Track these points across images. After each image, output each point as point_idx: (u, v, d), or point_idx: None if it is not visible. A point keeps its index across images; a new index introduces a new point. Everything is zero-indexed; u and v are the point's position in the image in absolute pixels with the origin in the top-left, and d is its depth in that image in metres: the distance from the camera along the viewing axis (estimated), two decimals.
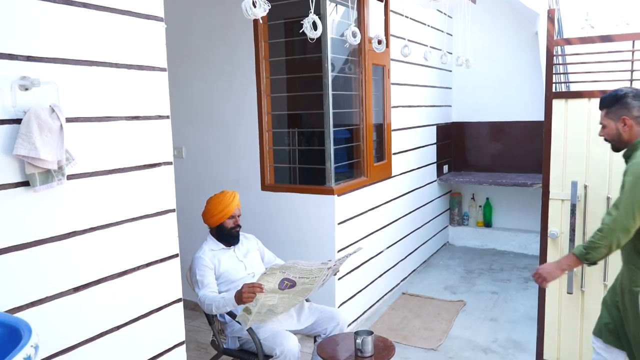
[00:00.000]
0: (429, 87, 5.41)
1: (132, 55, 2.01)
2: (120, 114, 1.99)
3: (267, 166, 3.87)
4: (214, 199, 3.01)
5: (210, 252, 2.95)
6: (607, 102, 2.27)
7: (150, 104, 2.13)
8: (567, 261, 2.28)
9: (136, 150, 2.07)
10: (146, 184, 2.12)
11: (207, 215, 3.00)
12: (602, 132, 2.32)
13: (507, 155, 5.94)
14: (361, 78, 3.98)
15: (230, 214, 2.96)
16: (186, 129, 4.22)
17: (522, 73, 5.72)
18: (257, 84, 3.80)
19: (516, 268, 5.29)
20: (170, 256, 2.26)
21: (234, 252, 3.02)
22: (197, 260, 2.91)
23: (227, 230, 2.98)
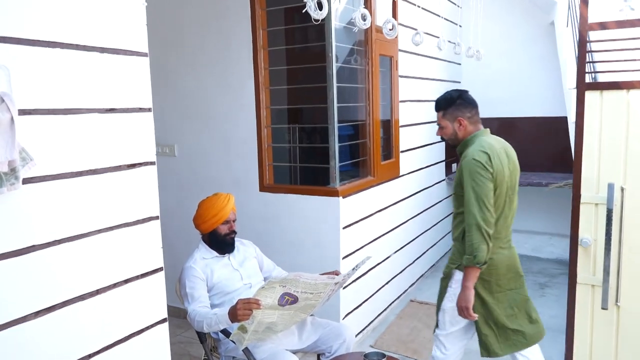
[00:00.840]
0: (437, 81, 5.11)
1: (105, 37, 1.71)
2: (91, 106, 1.68)
3: (266, 165, 3.56)
4: (206, 202, 2.71)
5: (202, 261, 2.65)
6: (444, 104, 2.50)
7: (129, 94, 1.82)
8: (467, 278, 2.31)
9: (111, 148, 1.76)
10: (123, 187, 1.81)
11: (198, 221, 2.70)
12: (440, 133, 2.56)
13: (518, 153, 5.55)
14: (368, 70, 3.67)
15: (224, 219, 2.66)
16: (179, 125, 3.91)
17: (535, 66, 5.42)
18: (254, 76, 3.49)
19: (530, 272, 5.00)
20: (153, 270, 1.96)
21: (229, 261, 2.72)
22: (187, 270, 2.61)
23: (221, 237, 2.68)
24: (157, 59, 4.04)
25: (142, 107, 1.88)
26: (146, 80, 1.90)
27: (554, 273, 4.93)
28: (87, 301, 1.70)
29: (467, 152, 2.39)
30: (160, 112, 4.00)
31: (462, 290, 2.33)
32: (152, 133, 1.94)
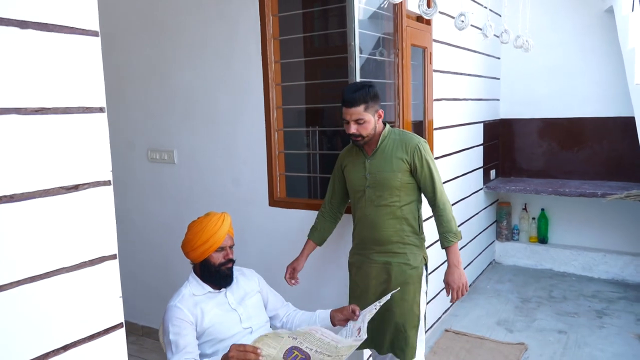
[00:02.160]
0: (475, 77, 4.51)
1: (27, 6, 1.19)
2: (7, 104, 1.17)
3: (277, 175, 3.03)
4: (195, 224, 2.18)
5: (190, 299, 2.11)
6: (366, 96, 2.25)
7: (68, 87, 1.30)
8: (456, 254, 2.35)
9: (40, 163, 1.25)
10: (60, 218, 1.29)
11: (187, 247, 2.18)
12: (359, 130, 2.28)
13: (567, 159, 4.98)
14: (397, 62, 3.10)
15: (218, 245, 2.14)
16: (178, 127, 3.41)
17: (587, 59, 4.76)
18: (263, 71, 2.96)
19: (583, 296, 4.35)
20: (109, 328, 1.43)
21: (225, 298, 2.18)
22: (171, 311, 2.08)
23: (214, 268, 2.15)
24: (151, 51, 3.53)
25: (89, 105, 1.36)
26: (96, 68, 1.37)
27: (611, 297, 4.28)
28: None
29: (404, 137, 2.37)
30: (158, 113, 3.50)
31: (455, 268, 2.33)
32: (106, 142, 1.42)
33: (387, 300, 1.98)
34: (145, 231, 3.72)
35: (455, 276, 2.34)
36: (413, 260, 2.39)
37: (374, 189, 2.36)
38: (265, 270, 3.03)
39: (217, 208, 3.30)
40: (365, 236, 2.43)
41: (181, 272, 3.60)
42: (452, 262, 2.35)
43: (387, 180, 2.33)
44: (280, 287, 2.51)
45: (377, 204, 2.36)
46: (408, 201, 2.37)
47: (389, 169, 2.32)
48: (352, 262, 2.54)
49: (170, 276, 3.64)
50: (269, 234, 3.09)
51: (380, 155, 2.35)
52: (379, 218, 2.37)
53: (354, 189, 2.44)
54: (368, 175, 2.37)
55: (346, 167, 2.48)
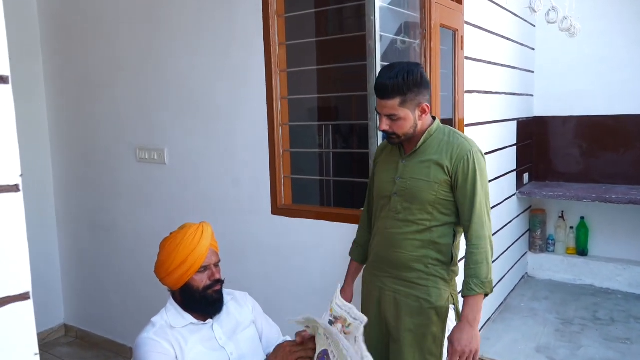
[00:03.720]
0: (508, 68, 4.00)
1: None
2: None
3: (281, 178, 2.57)
4: (168, 242, 1.72)
5: (168, 332, 1.65)
6: (403, 85, 1.74)
7: None
8: (477, 309, 1.78)
9: None
10: None
11: (161, 272, 1.72)
12: (392, 127, 1.81)
13: (610, 161, 4.45)
14: (425, 45, 2.63)
15: (199, 265, 1.68)
16: (169, 123, 2.98)
17: (635, 50, 4.23)
18: (265, 54, 2.51)
19: (633, 318, 3.81)
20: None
21: (212, 331, 1.72)
22: (146, 345, 1.62)
23: (199, 293, 1.69)
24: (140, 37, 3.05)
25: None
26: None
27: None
28: None
29: (452, 141, 1.86)
30: (147, 108, 3.07)
31: (468, 326, 1.76)
32: (12, 126, 0.97)
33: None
34: (133, 239, 3.29)
35: (464, 335, 1.76)
36: (436, 297, 1.88)
37: (402, 198, 1.88)
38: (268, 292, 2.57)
39: (213, 215, 2.85)
40: (380, 254, 1.97)
41: None
42: (467, 316, 1.79)
43: (419, 191, 1.84)
44: (284, 312, 2.05)
45: (401, 217, 1.88)
46: (442, 222, 1.86)
47: (424, 177, 1.84)
48: (365, 280, 2.07)
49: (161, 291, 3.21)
50: (272, 247, 2.64)
51: (418, 158, 1.88)
52: (400, 235, 1.89)
53: (378, 193, 1.98)
54: (398, 179, 1.88)
55: (377, 164, 2.04)
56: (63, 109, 3.56)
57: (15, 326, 0.95)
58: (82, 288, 3.73)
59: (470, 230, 1.81)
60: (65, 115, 3.55)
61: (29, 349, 0.98)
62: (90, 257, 3.60)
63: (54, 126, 3.62)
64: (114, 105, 3.23)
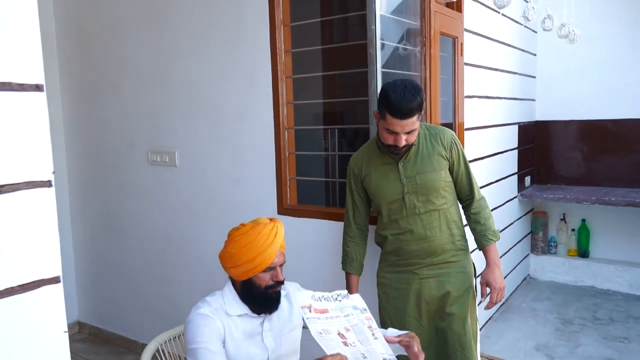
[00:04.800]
0: (509, 73, 4.10)
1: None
2: None
3: (287, 180, 2.69)
4: (240, 237, 1.72)
5: (223, 315, 1.70)
6: (421, 103, 1.91)
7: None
8: (496, 253, 2.16)
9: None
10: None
11: (227, 263, 1.75)
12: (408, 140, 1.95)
13: (611, 165, 4.52)
14: (424, 52, 2.74)
15: (267, 265, 1.70)
16: (180, 126, 3.10)
17: (635, 54, 4.31)
18: (272, 61, 2.63)
19: (632, 318, 3.88)
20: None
21: (261, 327, 1.76)
22: (198, 319, 1.67)
23: (258, 291, 1.72)
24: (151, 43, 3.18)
25: (20, 82, 1.04)
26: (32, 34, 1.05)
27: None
28: None
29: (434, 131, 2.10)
30: (158, 112, 3.20)
31: (496, 267, 2.11)
32: (46, 129, 1.09)
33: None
34: (145, 240, 3.41)
35: (497, 276, 2.10)
36: (468, 266, 2.16)
37: (417, 194, 2.04)
38: None
39: (221, 215, 2.98)
40: (411, 250, 2.09)
41: (183, 287, 3.29)
42: (494, 260, 2.13)
43: (432, 182, 2.03)
44: None
45: (423, 210, 2.05)
46: (452, 201, 2.13)
47: (431, 169, 2.03)
48: (389, 282, 2.17)
49: (172, 290, 3.33)
50: None
51: (416, 155, 2.05)
52: (429, 226, 2.07)
53: (386, 199, 2.09)
54: (405, 180, 2.02)
55: (367, 175, 2.13)
56: (78, 113, 3.69)
57: (48, 306, 1.08)
58: (95, 286, 3.85)
59: (474, 197, 2.14)
60: (79, 119, 3.69)
61: (60, 327, 1.11)
62: (103, 257, 3.73)
63: (69, 129, 3.76)
64: (127, 109, 3.36)
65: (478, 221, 2.13)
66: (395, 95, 1.86)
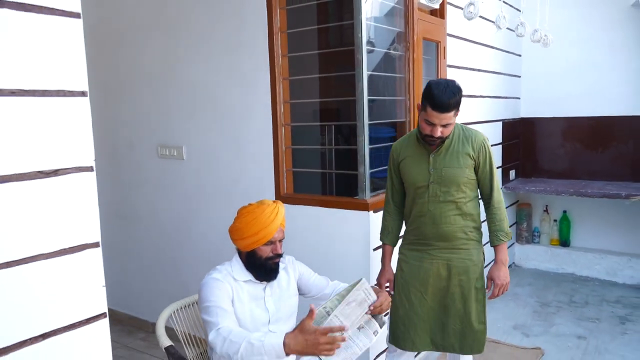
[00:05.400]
0: (493, 74, 4.38)
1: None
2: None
3: (283, 171, 2.98)
4: (247, 214, 2.03)
5: (231, 280, 2.00)
6: (459, 101, 2.15)
7: (48, 70, 1.27)
8: (506, 253, 2.35)
9: (17, 146, 1.22)
10: (38, 203, 1.26)
11: (235, 235, 2.05)
12: (443, 132, 2.18)
13: (590, 159, 4.82)
14: (408, 56, 3.03)
15: (268, 239, 2.01)
16: (187, 123, 3.39)
17: (613, 56, 4.60)
18: (270, 65, 2.92)
19: (605, 301, 4.18)
20: (91, 318, 1.40)
21: (263, 292, 2.06)
22: (211, 282, 1.97)
23: (260, 261, 2.03)
24: (159, 47, 3.50)
25: (70, 89, 1.33)
26: (78, 51, 1.35)
27: (635, 303, 4.10)
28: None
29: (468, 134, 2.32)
30: (167, 109, 3.49)
31: (502, 265, 2.33)
32: (89, 126, 1.39)
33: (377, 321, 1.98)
34: (154, 228, 3.71)
35: (502, 273, 2.33)
36: (476, 255, 2.34)
37: (439, 185, 2.28)
38: None
39: (225, 203, 3.28)
40: (427, 232, 2.34)
41: (190, 270, 3.59)
42: (501, 259, 2.35)
43: (454, 177, 2.26)
44: None
45: (442, 199, 2.28)
46: (472, 197, 2.33)
47: (456, 165, 2.26)
48: (405, 258, 2.44)
49: (180, 274, 3.63)
50: None
51: (446, 151, 2.28)
52: (444, 213, 2.30)
53: (414, 184, 2.34)
54: (432, 170, 2.29)
55: (404, 160, 2.38)
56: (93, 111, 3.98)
57: (91, 264, 1.38)
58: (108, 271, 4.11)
59: (492, 198, 2.34)
60: (94, 116, 3.96)
61: (99, 281, 1.41)
62: (115, 243, 4.02)
63: None
64: (139, 107, 3.65)
65: (493, 221, 2.34)
66: (437, 91, 2.11)
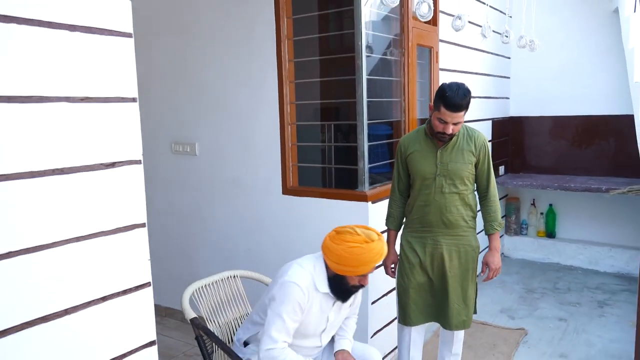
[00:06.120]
0: (483, 76, 4.68)
1: (77, 12, 1.45)
2: (59, 93, 1.43)
3: (289, 166, 3.27)
4: (355, 247, 2.04)
5: (311, 289, 2.10)
6: (469, 102, 2.40)
7: (108, 81, 1.56)
8: (498, 241, 2.67)
9: (84, 143, 1.50)
10: (99, 189, 1.55)
11: (333, 258, 2.08)
12: (454, 130, 2.43)
13: (574, 156, 5.12)
14: (403, 61, 3.31)
15: (364, 273, 2.10)
16: (199, 121, 3.67)
17: (596, 59, 4.90)
18: (278, 69, 3.20)
19: (586, 288, 4.49)
20: (137, 286, 1.69)
21: (331, 308, 2.19)
22: (296, 291, 2.06)
23: (346, 287, 2.13)
24: (174, 52, 3.82)
25: (124, 96, 1.61)
26: (130, 65, 1.63)
27: (614, 289, 4.41)
28: (51, 323, 1.45)
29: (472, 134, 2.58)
30: (180, 109, 3.77)
31: (496, 252, 2.64)
32: (138, 127, 1.67)
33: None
34: (168, 219, 3.99)
35: (495, 259, 2.62)
36: (474, 241, 2.63)
37: (445, 177, 2.53)
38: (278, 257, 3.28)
39: (236, 196, 3.57)
40: (432, 220, 2.57)
41: (201, 257, 3.87)
42: (495, 246, 2.64)
43: (460, 171, 2.52)
44: None
45: (447, 191, 2.53)
46: (471, 190, 2.61)
47: (461, 161, 2.53)
48: (409, 240, 2.66)
49: (191, 261, 3.92)
50: (283, 220, 3.33)
51: (453, 147, 2.53)
52: (449, 203, 2.55)
53: (422, 175, 2.57)
54: (439, 164, 2.53)
55: (412, 154, 2.60)
56: None
57: (138, 241, 1.67)
58: None
59: (489, 192, 2.63)
60: None
61: (145, 255, 1.69)
62: None
63: None
64: (154, 106, 3.92)
65: (489, 212, 2.63)
66: (451, 92, 2.35)
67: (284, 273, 2.14)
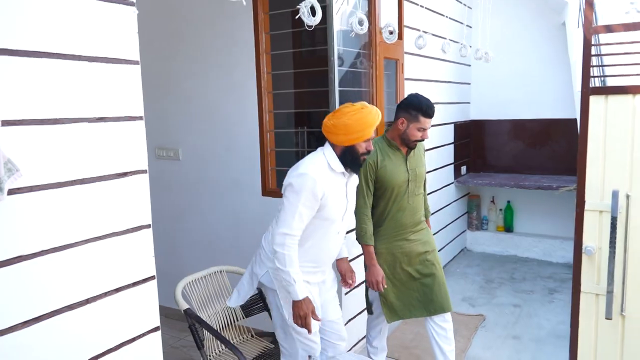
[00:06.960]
0: (446, 83, 5.04)
1: (95, 46, 1.70)
2: (80, 115, 1.68)
3: (268, 170, 3.55)
4: (355, 113, 2.25)
5: (325, 173, 2.26)
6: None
7: (119, 102, 1.82)
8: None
9: (101, 157, 1.76)
10: (113, 196, 1.81)
11: (340, 130, 2.25)
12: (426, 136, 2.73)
13: (529, 156, 5.54)
14: (372, 73, 3.63)
15: (368, 137, 2.28)
16: (183, 128, 3.92)
17: (547, 67, 5.32)
18: (257, 80, 3.48)
19: (540, 277, 4.91)
20: (144, 279, 1.96)
21: (345, 186, 2.37)
22: (309, 181, 2.19)
23: (356, 155, 2.30)
24: (160, 63, 4.06)
25: (133, 115, 1.88)
26: (137, 88, 1.89)
27: (564, 278, 4.84)
28: (76, 311, 1.70)
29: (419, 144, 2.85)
30: (165, 116, 4.01)
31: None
32: (144, 141, 1.94)
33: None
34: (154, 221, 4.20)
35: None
36: (431, 233, 3.00)
37: (415, 182, 2.82)
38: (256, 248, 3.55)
39: (219, 198, 3.83)
40: (406, 222, 2.82)
41: (186, 255, 4.11)
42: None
43: (422, 174, 2.88)
44: None
45: (416, 193, 2.84)
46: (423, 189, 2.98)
47: (422, 164, 2.88)
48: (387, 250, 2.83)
49: (178, 258, 4.16)
50: (262, 219, 3.61)
51: (414, 154, 2.83)
52: (417, 204, 2.86)
53: (397, 183, 2.74)
54: (410, 170, 2.78)
55: (383, 168, 2.73)
56: None
57: (144, 241, 1.93)
58: None
59: (425, 188, 3.03)
60: None
61: (149, 252, 1.96)
62: None
63: None
64: None
65: (426, 203, 3.04)
66: (425, 102, 2.67)
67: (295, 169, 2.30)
